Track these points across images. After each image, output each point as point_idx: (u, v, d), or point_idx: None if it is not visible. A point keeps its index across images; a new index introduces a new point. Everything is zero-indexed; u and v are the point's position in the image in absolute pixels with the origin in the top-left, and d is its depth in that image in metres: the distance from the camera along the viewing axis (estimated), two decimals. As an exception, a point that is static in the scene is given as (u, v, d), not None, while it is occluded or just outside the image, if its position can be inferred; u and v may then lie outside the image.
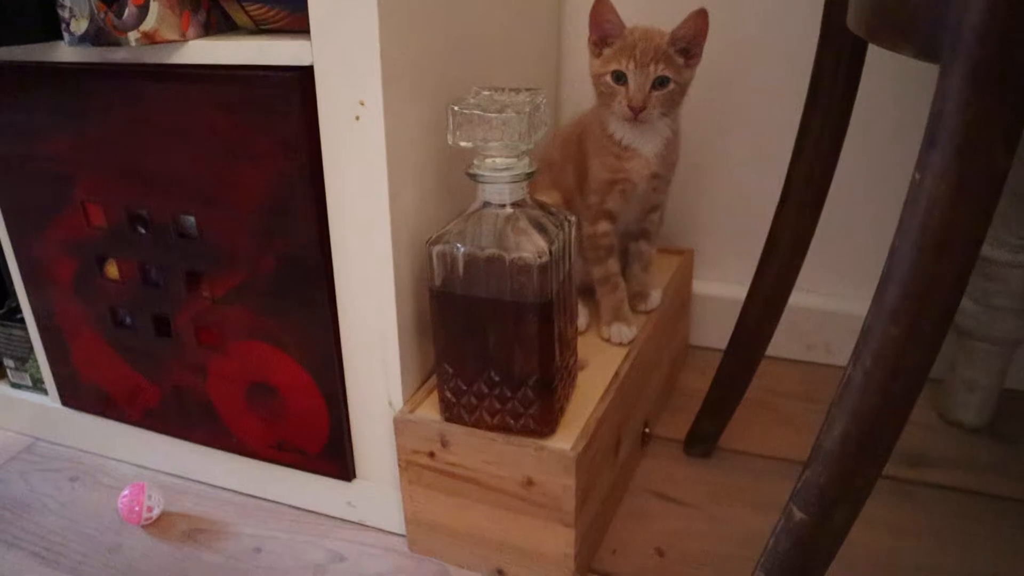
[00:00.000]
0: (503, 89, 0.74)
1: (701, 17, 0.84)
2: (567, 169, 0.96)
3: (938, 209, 0.48)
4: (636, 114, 0.84)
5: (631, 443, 0.95)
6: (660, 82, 0.84)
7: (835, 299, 1.19)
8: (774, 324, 0.93)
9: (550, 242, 0.71)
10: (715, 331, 1.25)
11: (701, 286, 1.24)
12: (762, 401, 1.12)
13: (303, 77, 0.72)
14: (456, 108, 0.69)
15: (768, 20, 1.10)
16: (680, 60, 0.85)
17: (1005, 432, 1.05)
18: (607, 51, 0.86)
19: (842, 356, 1.21)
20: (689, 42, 0.85)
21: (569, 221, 0.76)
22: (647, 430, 1.01)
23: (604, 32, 0.86)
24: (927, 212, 0.49)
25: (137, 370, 0.95)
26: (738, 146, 1.17)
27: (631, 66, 0.83)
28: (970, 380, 1.05)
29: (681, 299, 1.15)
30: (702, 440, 1.02)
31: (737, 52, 1.12)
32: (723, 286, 1.24)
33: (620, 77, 0.85)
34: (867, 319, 0.54)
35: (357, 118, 0.71)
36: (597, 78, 0.87)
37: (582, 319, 0.95)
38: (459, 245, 0.72)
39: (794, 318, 1.18)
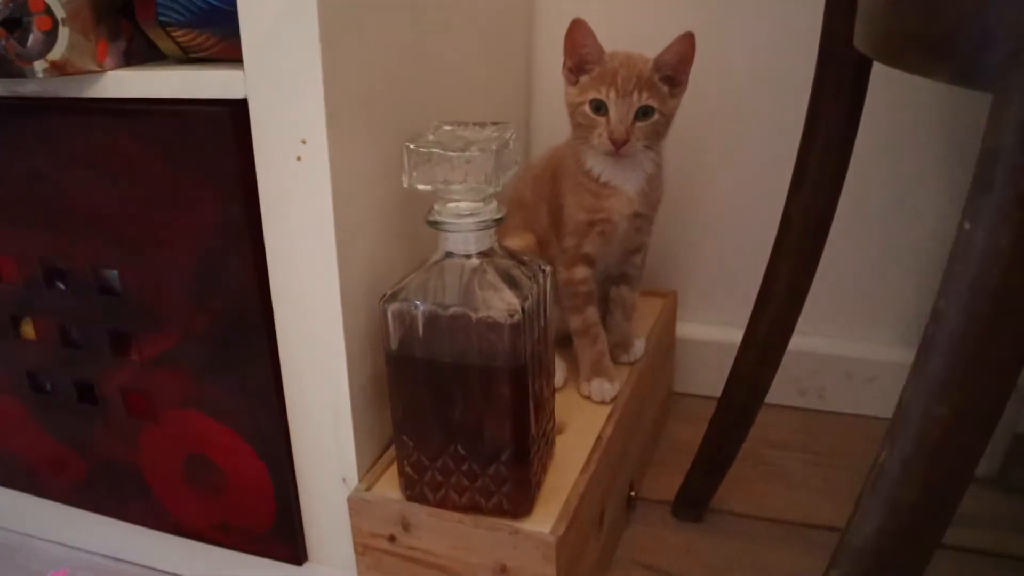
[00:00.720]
0: (467, 123, 0.65)
1: (687, 42, 0.76)
2: (540, 209, 0.87)
3: (996, 266, 0.40)
4: (618, 147, 0.76)
5: (616, 510, 0.85)
6: (644, 112, 0.76)
7: (829, 340, 1.11)
8: (772, 374, 0.85)
9: (522, 297, 0.62)
10: (700, 376, 1.17)
11: (684, 328, 1.16)
12: (754, 453, 1.03)
13: (236, 112, 0.62)
14: (412, 146, 0.60)
15: (759, 43, 1.03)
16: (665, 88, 0.77)
17: (1018, 482, 0.97)
18: (584, 78, 0.78)
19: (837, 402, 1.13)
20: (674, 69, 0.77)
21: (544, 271, 0.67)
22: (632, 493, 0.92)
23: (581, 58, 0.78)
24: (981, 270, 0.40)
25: (61, 441, 0.85)
26: (722, 179, 1.10)
27: (612, 95, 0.75)
28: (979, 429, 0.96)
29: (665, 345, 1.06)
30: (693, 503, 0.93)
31: (725, 79, 1.04)
32: (708, 328, 1.16)
33: (600, 107, 0.76)
34: (904, 395, 0.45)
35: (299, 158, 0.62)
36: (574, 108, 0.79)
37: (559, 374, 0.85)
38: (418, 302, 0.62)
39: (785, 361, 1.09)
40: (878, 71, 0.67)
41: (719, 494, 0.93)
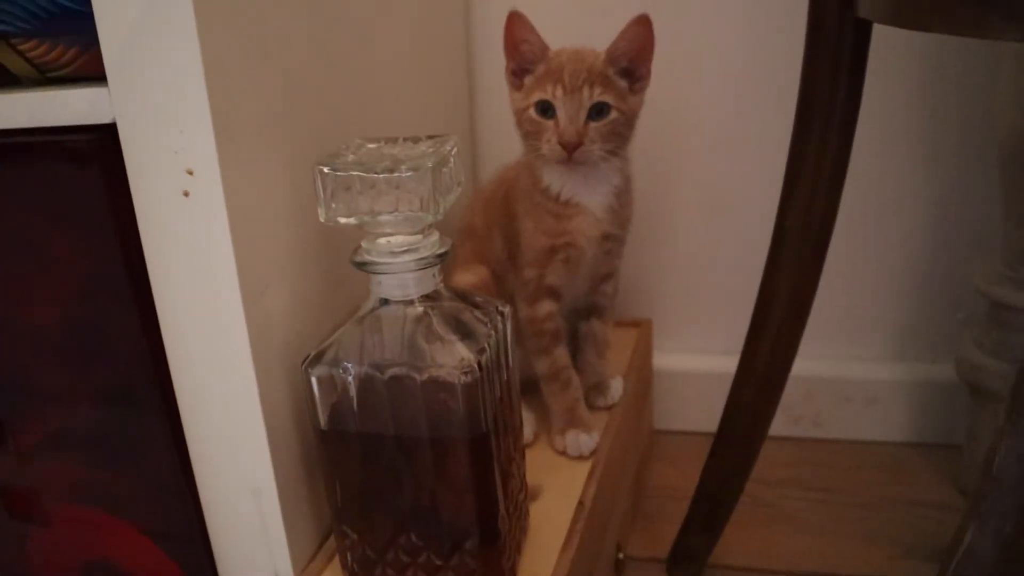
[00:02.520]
0: (396, 139, 0.53)
1: (643, 25, 0.65)
2: (493, 237, 0.75)
3: None
4: (570, 152, 0.65)
5: (604, 580, 0.73)
6: (598, 110, 0.65)
7: (821, 361, 1.01)
8: (773, 406, 0.74)
9: (478, 349, 0.50)
10: (681, 411, 1.06)
11: (661, 359, 1.04)
12: (751, 494, 0.91)
13: (103, 140, 0.50)
14: (326, 169, 0.48)
15: (736, 26, 0.92)
16: (623, 83, 0.67)
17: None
18: (529, 79, 0.67)
19: (834, 428, 1.02)
20: (632, 59, 0.66)
21: (502, 314, 0.55)
22: (621, 555, 0.80)
23: (523, 56, 0.67)
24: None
25: (-64, 549, 0.70)
26: (697, 187, 0.99)
27: (559, 92, 0.65)
28: (997, 449, 0.86)
29: (643, 381, 0.95)
30: (689, 560, 0.82)
31: (697, 68, 0.94)
32: (685, 357, 1.05)
33: (547, 109, 0.66)
34: (998, 457, 0.34)
35: (186, 193, 0.49)
36: (520, 114, 0.68)
37: (528, 428, 0.73)
38: (349, 364, 0.50)
39: (775, 388, 0.99)
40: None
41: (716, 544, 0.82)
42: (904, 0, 0.43)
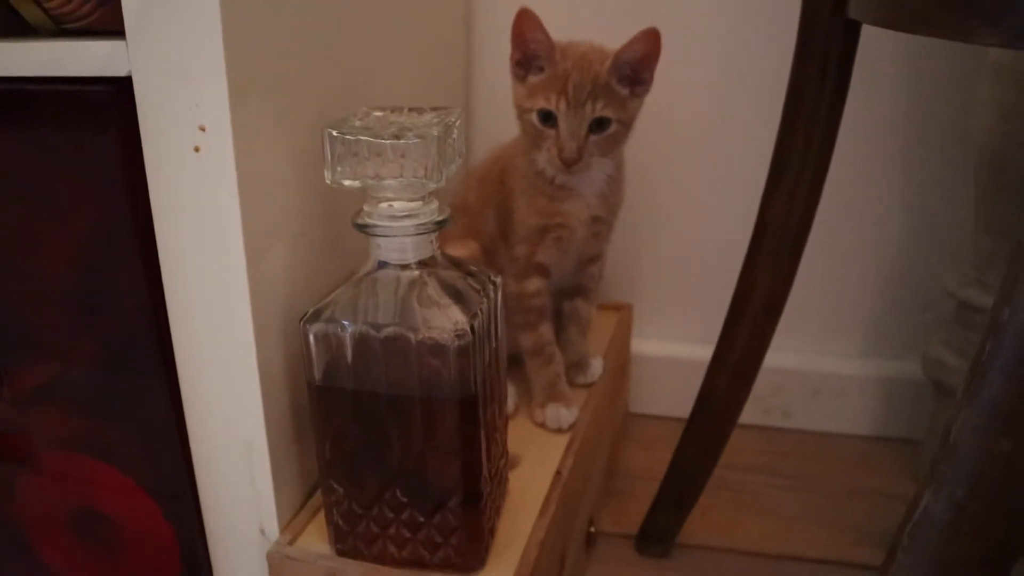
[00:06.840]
0: (401, 108, 0.55)
1: (652, 39, 0.67)
2: (486, 214, 0.77)
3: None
4: (569, 167, 0.67)
5: (576, 551, 0.76)
6: (599, 123, 0.67)
7: (793, 354, 1.04)
8: (745, 395, 0.77)
9: (471, 314, 0.52)
10: (655, 395, 1.09)
11: (639, 344, 1.07)
12: (721, 478, 0.94)
13: (119, 92, 0.51)
14: (335, 133, 0.50)
15: (727, 25, 0.95)
16: (624, 91, 0.68)
17: None
18: (532, 79, 0.69)
19: (803, 419, 1.06)
20: (636, 67, 0.68)
21: (494, 283, 0.57)
22: (592, 529, 0.82)
23: (529, 51, 0.69)
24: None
25: (-77, 492, 0.72)
26: (680, 178, 1.02)
27: (562, 106, 0.66)
28: (958, 446, 0.90)
29: (621, 363, 0.97)
30: (658, 537, 0.84)
31: (687, 64, 0.96)
32: (662, 344, 1.07)
33: (548, 117, 0.67)
34: (955, 427, 0.36)
35: (197, 149, 0.51)
36: (521, 110, 0.70)
37: (510, 400, 0.75)
38: (346, 322, 0.52)
39: (748, 378, 1.02)
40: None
41: (685, 523, 0.85)
42: (894, 3, 0.45)
